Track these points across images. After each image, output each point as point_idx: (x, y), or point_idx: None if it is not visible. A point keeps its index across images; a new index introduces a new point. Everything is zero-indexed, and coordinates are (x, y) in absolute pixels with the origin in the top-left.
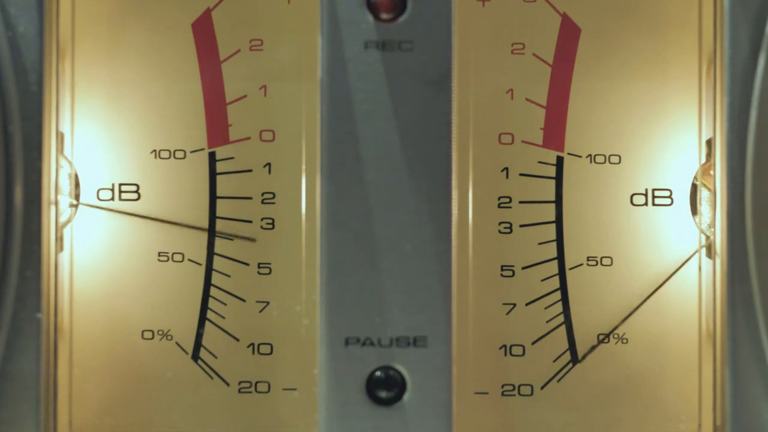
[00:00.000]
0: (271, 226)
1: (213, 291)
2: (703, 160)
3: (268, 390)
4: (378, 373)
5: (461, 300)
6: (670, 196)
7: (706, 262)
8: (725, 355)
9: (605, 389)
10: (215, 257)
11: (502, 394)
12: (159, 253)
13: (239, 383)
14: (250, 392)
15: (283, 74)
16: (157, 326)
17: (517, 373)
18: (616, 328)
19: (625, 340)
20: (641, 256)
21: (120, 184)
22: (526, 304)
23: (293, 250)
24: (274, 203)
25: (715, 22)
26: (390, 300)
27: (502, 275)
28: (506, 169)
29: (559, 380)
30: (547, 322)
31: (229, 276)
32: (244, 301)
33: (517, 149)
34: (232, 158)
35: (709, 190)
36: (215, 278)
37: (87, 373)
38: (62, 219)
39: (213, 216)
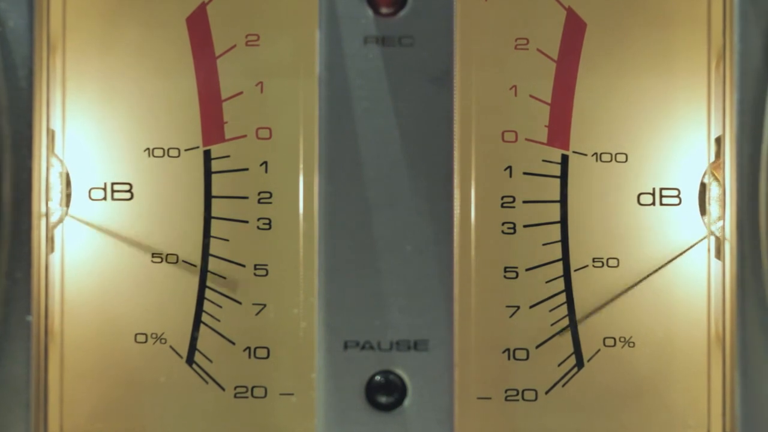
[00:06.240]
0: (267, 227)
1: (208, 293)
2: (712, 158)
3: (265, 395)
4: (378, 378)
5: (463, 302)
6: (678, 196)
7: (716, 264)
8: (735, 358)
9: (611, 394)
10: (210, 258)
11: (506, 399)
12: (153, 254)
13: (235, 388)
14: (247, 397)
15: (281, 70)
16: (150, 329)
17: (520, 378)
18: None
19: (631, 344)
20: (648, 257)
21: (113, 183)
22: (530, 307)
23: (291, 251)
24: (270, 203)
25: (724, 16)
26: (390, 302)
27: (505, 277)
28: (509, 167)
29: (564, 385)
30: (552, 325)
31: (224, 278)
32: (240, 303)
33: (520, 147)
34: (228, 156)
35: (719, 186)
36: (210, 280)
37: (78, 377)
38: (53, 219)
39: (208, 216)
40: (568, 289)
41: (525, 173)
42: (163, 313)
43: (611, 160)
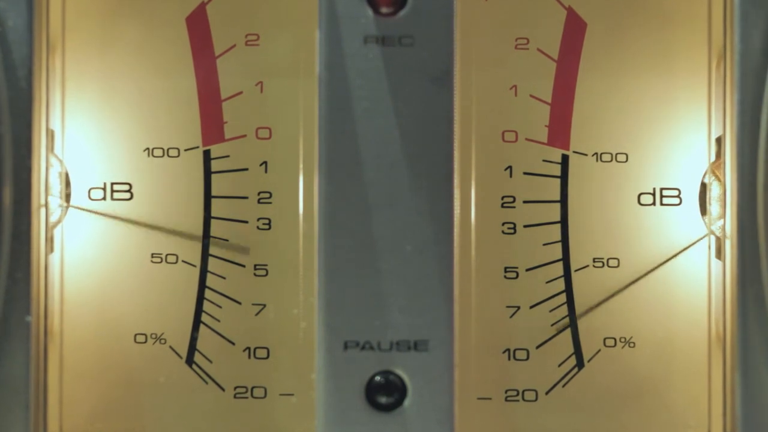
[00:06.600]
0: (267, 227)
1: (208, 293)
2: (713, 158)
3: (265, 395)
4: (378, 378)
5: (463, 302)
6: (678, 196)
7: (716, 264)
8: (736, 358)
9: (612, 394)
10: (210, 259)
11: (506, 400)
12: (152, 254)
13: (235, 388)
14: (246, 398)
15: (280, 70)
16: (150, 330)
17: (521, 378)
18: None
19: (632, 344)
20: (649, 257)
21: (112, 184)
22: (531, 307)
23: (290, 251)
24: (270, 203)
25: (725, 16)
26: (390, 303)
27: (505, 277)
28: (510, 167)
29: (564, 385)
30: (552, 325)
31: (224, 278)
32: (239, 303)
33: (521, 147)
34: (228, 156)
35: (719, 185)
36: (210, 280)
37: (78, 377)
38: (52, 219)
39: (208, 216)
40: (569, 290)
41: (525, 173)
42: (162, 314)
43: (612, 160)
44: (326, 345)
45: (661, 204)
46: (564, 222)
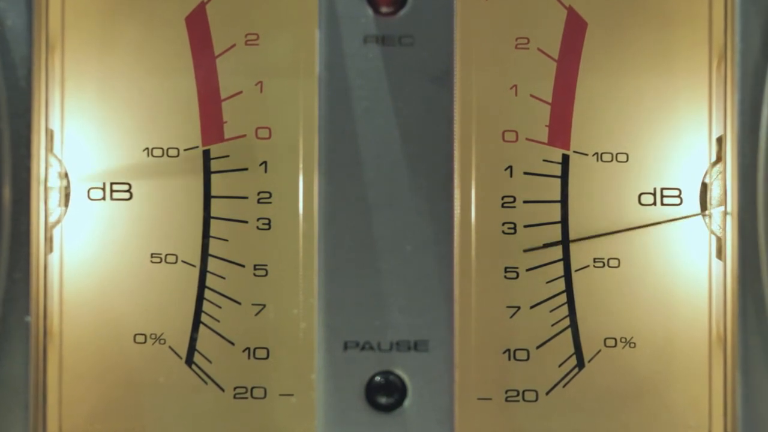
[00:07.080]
0: (267, 227)
1: (207, 293)
2: (713, 158)
3: (265, 396)
4: (378, 378)
5: (463, 303)
6: (679, 196)
7: (716, 263)
8: (736, 359)
9: (612, 395)
10: (210, 259)
11: (506, 400)
12: (152, 254)
13: (234, 389)
14: (246, 398)
15: (280, 70)
16: (149, 330)
17: (521, 378)
18: None
19: (632, 344)
20: (649, 257)
21: (111, 183)
22: (531, 307)
23: (290, 251)
24: (270, 203)
25: (725, 15)
26: (390, 303)
27: (505, 277)
28: (510, 167)
29: (564, 386)
30: (552, 325)
31: (224, 278)
32: (239, 303)
33: (521, 147)
34: (227, 156)
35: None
36: (210, 280)
37: (77, 378)
38: (52, 219)
39: (207, 216)
40: (569, 290)
41: (525, 173)
42: (162, 314)
43: (612, 160)
44: (326, 345)
45: (662, 204)
46: (564, 222)
